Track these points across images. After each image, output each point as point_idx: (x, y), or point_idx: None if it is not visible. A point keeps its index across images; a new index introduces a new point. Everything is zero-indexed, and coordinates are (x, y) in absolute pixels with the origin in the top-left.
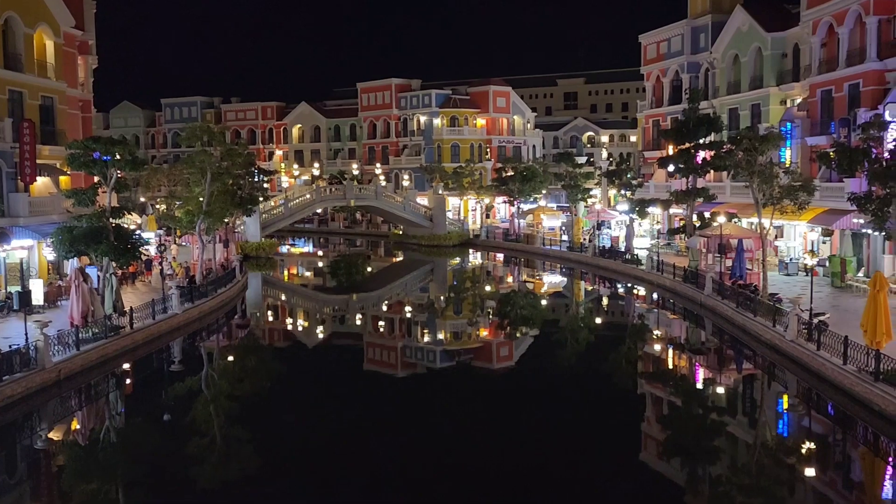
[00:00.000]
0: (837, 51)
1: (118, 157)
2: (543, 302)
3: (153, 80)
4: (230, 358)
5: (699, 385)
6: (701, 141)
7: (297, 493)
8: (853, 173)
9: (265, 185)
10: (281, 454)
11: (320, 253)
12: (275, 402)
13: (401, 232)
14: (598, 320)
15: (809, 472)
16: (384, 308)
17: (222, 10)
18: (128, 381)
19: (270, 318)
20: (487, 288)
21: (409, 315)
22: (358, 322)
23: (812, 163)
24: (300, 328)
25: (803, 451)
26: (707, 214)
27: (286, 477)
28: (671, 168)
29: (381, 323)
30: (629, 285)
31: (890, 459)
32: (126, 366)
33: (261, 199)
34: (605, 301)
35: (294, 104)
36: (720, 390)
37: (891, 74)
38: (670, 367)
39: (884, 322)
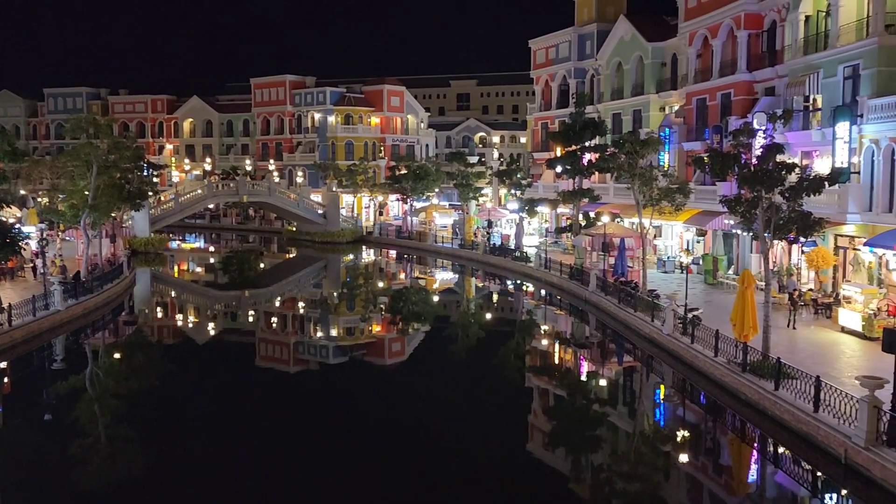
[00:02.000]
0: (712, 62)
1: None
2: (435, 298)
3: (35, 69)
4: (116, 355)
5: (583, 378)
6: (586, 144)
7: (185, 494)
8: (724, 177)
9: (155, 180)
10: (169, 454)
11: (212, 249)
12: (163, 400)
13: (294, 228)
14: (488, 316)
15: (683, 458)
16: (277, 304)
17: None
18: (5, 380)
19: (159, 315)
20: (380, 284)
21: (301, 311)
22: (250, 319)
23: (688, 167)
24: (190, 325)
25: (678, 438)
26: (592, 214)
27: (174, 477)
28: (559, 169)
29: (274, 319)
30: (518, 282)
31: (755, 445)
32: (3, 364)
33: (150, 193)
34: (495, 297)
35: (185, 98)
36: (602, 382)
37: (759, 85)
38: (556, 361)
39: (751, 317)
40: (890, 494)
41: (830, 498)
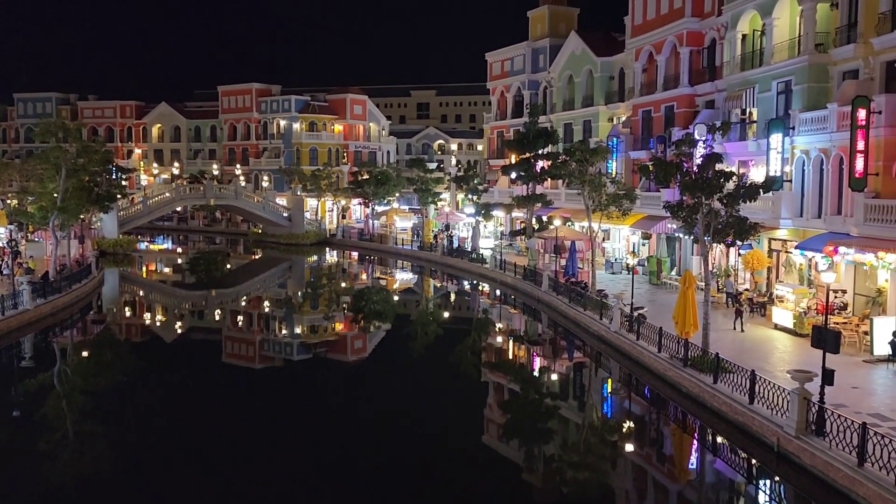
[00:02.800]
0: (656, 76)
1: None
2: (395, 297)
3: (5, 74)
4: (84, 353)
5: (536, 373)
6: (540, 151)
7: (152, 487)
8: (668, 184)
9: (124, 183)
10: (136, 449)
11: (179, 250)
12: (130, 396)
13: (260, 231)
14: (446, 315)
15: (629, 447)
16: (243, 303)
17: (78, 5)
18: None
19: (127, 314)
20: (343, 284)
21: (267, 310)
22: (217, 317)
23: (634, 174)
24: (158, 323)
25: (624, 429)
26: (544, 218)
27: (141, 471)
28: (513, 175)
29: (240, 318)
30: (475, 282)
31: (695, 435)
32: None
33: (119, 196)
34: (452, 297)
35: (154, 104)
36: (554, 377)
37: (700, 98)
38: (511, 356)
39: (691, 315)
40: (818, 480)
41: (764, 484)
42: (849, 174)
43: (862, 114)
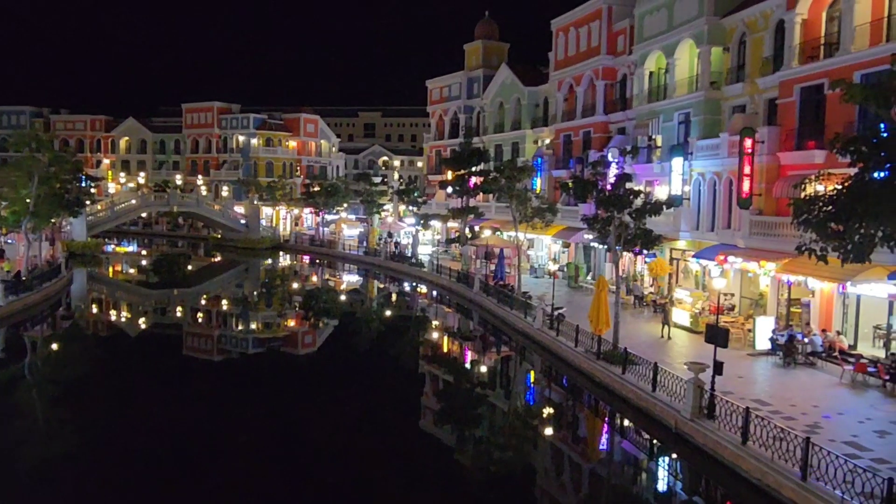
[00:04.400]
0: (576, 105)
1: None
2: (342, 297)
3: None
4: (54, 346)
5: (468, 365)
6: (473, 169)
7: (118, 469)
8: (585, 200)
9: (92, 190)
10: (101, 434)
11: (144, 252)
12: (96, 386)
13: (219, 236)
14: (388, 313)
15: (548, 431)
16: (203, 302)
17: (53, 24)
18: None
19: (94, 311)
20: (295, 285)
21: (225, 308)
22: (178, 314)
23: (556, 190)
24: (123, 319)
25: (544, 415)
26: (476, 228)
27: (105, 455)
28: (449, 189)
29: (200, 315)
30: (414, 284)
31: (606, 419)
32: None
33: (88, 202)
34: (393, 297)
35: (122, 118)
36: (484, 369)
37: (613, 125)
38: (445, 350)
39: (604, 314)
40: (709, 457)
41: (663, 461)
42: (737, 194)
43: (748, 143)
